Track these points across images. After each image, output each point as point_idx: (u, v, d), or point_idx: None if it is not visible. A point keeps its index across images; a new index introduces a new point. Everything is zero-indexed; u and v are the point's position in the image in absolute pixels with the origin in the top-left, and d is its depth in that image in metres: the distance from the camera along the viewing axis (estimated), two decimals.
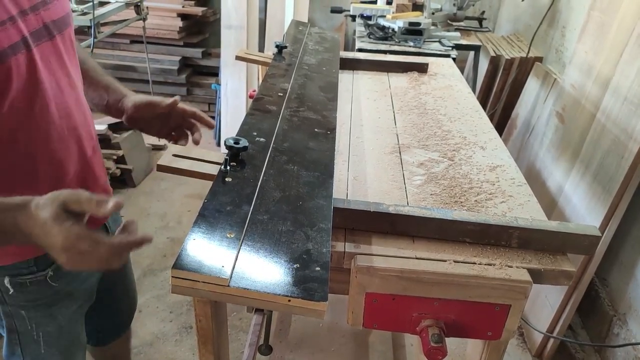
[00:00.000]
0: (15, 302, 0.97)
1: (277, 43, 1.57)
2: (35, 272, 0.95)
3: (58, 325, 1.03)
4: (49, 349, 1.05)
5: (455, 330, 0.84)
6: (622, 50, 1.82)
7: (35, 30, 0.83)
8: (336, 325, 2.06)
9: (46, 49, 0.86)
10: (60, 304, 1.02)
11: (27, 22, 0.81)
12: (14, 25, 0.78)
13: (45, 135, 0.87)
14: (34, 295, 0.97)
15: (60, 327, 1.04)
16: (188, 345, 1.97)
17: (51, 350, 1.05)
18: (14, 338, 1.02)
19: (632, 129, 1.66)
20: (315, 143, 1.03)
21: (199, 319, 0.89)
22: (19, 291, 0.95)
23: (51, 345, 1.05)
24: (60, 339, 1.06)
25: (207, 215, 0.75)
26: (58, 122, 0.89)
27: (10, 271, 0.93)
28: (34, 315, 1.00)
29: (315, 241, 0.73)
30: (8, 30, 0.77)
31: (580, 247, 0.87)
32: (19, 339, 1.02)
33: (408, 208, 0.89)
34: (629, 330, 1.82)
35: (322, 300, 0.62)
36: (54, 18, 0.88)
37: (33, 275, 0.95)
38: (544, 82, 2.58)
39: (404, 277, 0.79)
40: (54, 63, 0.88)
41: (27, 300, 0.97)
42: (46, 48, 0.86)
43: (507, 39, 3.20)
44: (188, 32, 3.75)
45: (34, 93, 0.83)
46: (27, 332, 1.01)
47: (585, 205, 1.84)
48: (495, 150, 1.21)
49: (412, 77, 1.73)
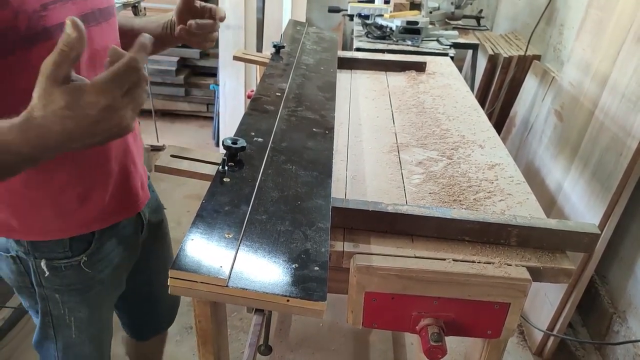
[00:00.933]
0: (50, 285, 1.00)
1: (274, 43, 1.57)
2: (70, 257, 0.97)
3: (89, 311, 1.06)
4: (80, 335, 1.07)
5: (454, 329, 0.83)
6: (620, 47, 1.82)
7: (85, 13, 0.86)
8: (336, 325, 2.06)
9: (95, 33, 0.89)
10: (92, 290, 1.04)
11: (78, 5, 0.85)
12: (65, 6, 0.82)
13: None
14: (67, 280, 1.00)
15: (91, 313, 1.06)
16: (188, 346, 1.96)
17: (82, 336, 1.07)
18: (48, 321, 1.05)
19: (630, 126, 1.66)
20: (313, 143, 1.03)
21: (198, 319, 0.89)
22: (54, 275, 0.98)
23: (82, 331, 1.07)
24: (91, 326, 1.08)
25: (205, 215, 0.75)
26: None
27: (47, 254, 0.96)
28: (67, 299, 1.02)
29: (314, 241, 0.72)
30: (59, 9, 0.80)
31: (580, 245, 0.87)
32: (53, 322, 1.05)
33: (407, 207, 0.89)
34: (629, 327, 1.83)
35: (321, 300, 0.62)
36: (100, 7, 0.91)
37: (67, 260, 0.97)
38: (542, 80, 2.58)
39: (403, 276, 0.79)
40: (100, 48, 0.91)
41: (61, 284, 1.00)
42: (95, 33, 0.89)
43: (505, 38, 3.21)
44: None
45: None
46: (60, 316, 1.04)
47: (584, 203, 1.84)
48: (494, 149, 1.21)
49: (410, 76, 1.73)
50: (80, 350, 1.09)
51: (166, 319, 1.41)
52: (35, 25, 0.78)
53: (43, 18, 0.78)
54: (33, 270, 0.98)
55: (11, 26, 0.75)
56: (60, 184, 0.91)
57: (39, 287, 1.00)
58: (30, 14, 0.77)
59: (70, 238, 0.96)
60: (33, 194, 0.90)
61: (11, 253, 0.97)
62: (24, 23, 0.76)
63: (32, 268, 0.97)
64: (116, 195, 0.99)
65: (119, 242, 1.05)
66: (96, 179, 0.95)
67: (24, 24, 0.76)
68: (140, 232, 1.13)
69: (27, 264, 0.97)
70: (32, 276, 0.99)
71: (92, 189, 0.95)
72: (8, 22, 0.75)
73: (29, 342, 1.91)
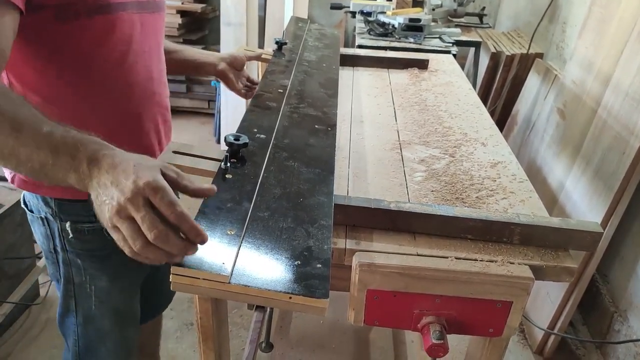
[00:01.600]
0: (73, 249, 1.04)
1: (276, 39, 1.57)
2: (94, 222, 0.97)
3: (109, 281, 1.08)
4: (100, 307, 1.10)
5: (456, 327, 0.83)
6: (623, 45, 1.81)
7: (142, 0, 0.97)
8: (337, 323, 2.06)
9: (147, 19, 0.99)
10: (112, 259, 1.06)
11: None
12: None
13: (129, 89, 1.00)
14: (89, 244, 1.04)
15: (111, 283, 1.09)
16: (189, 342, 1.97)
17: (102, 309, 1.10)
18: (70, 289, 1.08)
19: (633, 125, 1.66)
20: (315, 139, 1.02)
21: (199, 316, 0.89)
22: (77, 238, 1.02)
23: (102, 302, 1.10)
24: (111, 297, 1.10)
25: (208, 212, 0.75)
26: (142, 82, 1.02)
27: (72, 217, 1.01)
28: (88, 266, 1.06)
29: (316, 238, 0.72)
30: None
31: (583, 244, 0.87)
32: (74, 290, 1.08)
33: (409, 204, 0.88)
34: (630, 326, 1.82)
35: (323, 297, 0.62)
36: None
37: (91, 225, 1.01)
38: (544, 78, 2.58)
39: (405, 273, 0.79)
40: (150, 34, 1.02)
41: (83, 248, 1.04)
42: (147, 19, 1.00)
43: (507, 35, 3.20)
44: (187, 29, 3.74)
45: (128, 50, 0.96)
46: (82, 283, 1.07)
47: (586, 202, 1.84)
48: (496, 147, 1.21)
49: (412, 73, 1.72)
50: (100, 324, 1.11)
51: (165, 299, 1.42)
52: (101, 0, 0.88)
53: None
54: (58, 233, 1.02)
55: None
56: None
57: (62, 251, 1.04)
58: None
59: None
60: None
61: (41, 214, 1.02)
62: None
63: (57, 230, 1.02)
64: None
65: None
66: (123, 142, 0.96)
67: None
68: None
69: (53, 226, 1.02)
70: (57, 239, 1.03)
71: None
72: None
73: (29, 338, 1.92)
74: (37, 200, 1.01)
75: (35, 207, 1.03)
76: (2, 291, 1.90)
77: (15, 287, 1.96)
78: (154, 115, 1.07)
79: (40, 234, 1.06)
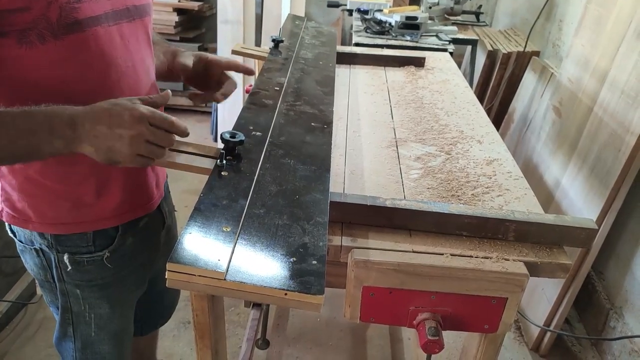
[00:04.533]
0: (71, 280, 1.00)
1: (273, 37, 1.57)
2: (93, 252, 0.98)
3: (110, 308, 1.06)
4: (99, 332, 1.07)
5: (452, 324, 0.84)
6: (619, 43, 1.82)
7: (120, 9, 0.88)
8: (334, 320, 2.06)
9: (126, 29, 0.90)
10: (114, 287, 1.04)
11: (112, 0, 0.87)
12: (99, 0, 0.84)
13: None
14: (89, 275, 1.00)
15: (112, 310, 1.06)
16: (185, 340, 1.97)
17: (101, 334, 1.08)
18: (68, 317, 1.05)
19: (629, 122, 1.66)
20: (312, 137, 1.03)
21: (196, 313, 0.89)
22: (76, 269, 0.98)
23: (102, 328, 1.07)
24: (111, 323, 1.08)
25: (203, 209, 0.75)
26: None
27: (70, 248, 0.97)
28: (88, 295, 1.02)
29: (312, 235, 0.72)
30: (94, 2, 0.83)
31: (577, 240, 0.87)
32: (72, 319, 1.05)
33: (405, 202, 0.89)
34: (625, 323, 1.83)
35: (318, 294, 0.62)
36: (136, 3, 0.92)
37: (90, 255, 0.98)
38: (541, 76, 2.58)
39: (400, 270, 0.79)
40: (132, 45, 0.92)
41: (82, 279, 1.00)
42: (126, 28, 0.90)
43: (504, 33, 3.20)
44: (184, 27, 3.73)
45: (107, 67, 0.87)
46: (81, 312, 1.04)
47: (582, 199, 1.85)
48: (492, 144, 1.21)
49: (409, 71, 1.72)
50: (99, 349, 1.09)
51: (166, 314, 1.42)
52: (67, 17, 0.78)
53: (75, 10, 0.79)
54: (55, 265, 0.98)
55: (43, 16, 0.76)
56: (78, 176, 0.92)
57: (60, 281, 1.00)
58: (62, 3, 0.78)
59: (94, 232, 0.96)
60: (51, 185, 0.91)
61: (35, 246, 0.98)
62: (55, 13, 0.77)
63: (54, 262, 0.98)
64: (131, 190, 1.00)
65: (141, 239, 1.05)
66: (111, 173, 0.95)
67: (55, 14, 0.77)
68: (162, 230, 1.14)
69: (50, 257, 0.98)
70: (54, 270, 0.99)
71: (108, 183, 0.95)
72: (40, 11, 0.76)
73: (25, 337, 1.92)
74: (31, 232, 0.96)
75: (27, 239, 0.98)
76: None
77: (11, 286, 1.95)
78: None
79: (34, 264, 1.01)
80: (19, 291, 1.96)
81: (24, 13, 0.75)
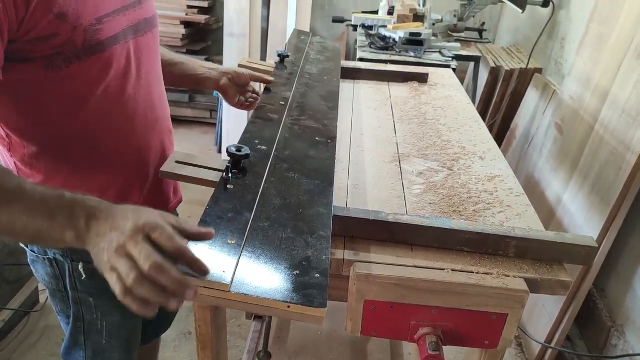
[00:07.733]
0: (85, 289, 1.01)
1: (279, 52, 1.59)
2: None
3: (122, 316, 1.06)
4: (111, 340, 1.08)
5: (452, 339, 0.84)
6: (621, 62, 1.84)
7: (133, 24, 0.91)
8: (335, 333, 2.06)
9: (140, 43, 0.93)
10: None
11: (128, 17, 0.89)
12: (117, 18, 0.86)
13: (131, 122, 0.95)
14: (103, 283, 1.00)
15: (124, 318, 1.07)
16: (187, 352, 1.97)
17: (112, 342, 1.08)
18: (79, 326, 1.05)
19: (629, 141, 1.68)
20: (316, 151, 1.04)
21: (198, 324, 0.90)
22: (91, 278, 0.98)
23: (113, 336, 1.08)
24: (122, 331, 1.09)
25: (209, 221, 0.76)
26: (142, 113, 0.97)
27: (85, 257, 0.95)
28: (101, 303, 1.03)
29: (315, 248, 0.74)
30: (112, 22, 0.84)
31: (577, 258, 0.88)
32: (84, 328, 1.05)
33: (407, 217, 0.90)
34: (627, 341, 1.83)
35: (321, 307, 0.63)
36: (146, 16, 0.95)
37: None
38: (543, 94, 2.60)
39: (402, 285, 0.80)
40: (144, 57, 0.96)
41: (96, 288, 1.00)
42: (140, 42, 0.93)
43: (507, 50, 3.23)
44: (191, 40, 3.78)
45: (126, 82, 0.91)
46: (93, 320, 1.05)
47: (583, 216, 1.85)
48: (494, 161, 1.23)
49: (412, 87, 1.74)
50: (109, 357, 1.10)
51: (168, 322, 1.42)
52: (91, 39, 0.81)
53: (98, 32, 0.82)
54: (69, 274, 0.99)
55: (69, 41, 0.78)
56: (100, 184, 0.93)
57: (73, 290, 1.01)
58: (86, 27, 0.79)
59: None
60: None
61: (48, 255, 0.98)
62: (80, 37, 0.79)
63: (68, 271, 0.98)
64: (150, 197, 1.02)
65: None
66: (134, 181, 0.97)
67: (80, 38, 0.79)
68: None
69: (64, 266, 0.98)
70: (67, 279, 0.99)
71: (129, 191, 0.97)
72: (66, 37, 0.77)
73: (27, 345, 1.92)
74: None
75: (40, 248, 0.98)
76: (1, 297, 1.90)
77: (15, 294, 1.96)
78: (160, 143, 1.04)
79: (45, 274, 1.02)
80: (22, 299, 1.96)
81: (52, 39, 0.77)
